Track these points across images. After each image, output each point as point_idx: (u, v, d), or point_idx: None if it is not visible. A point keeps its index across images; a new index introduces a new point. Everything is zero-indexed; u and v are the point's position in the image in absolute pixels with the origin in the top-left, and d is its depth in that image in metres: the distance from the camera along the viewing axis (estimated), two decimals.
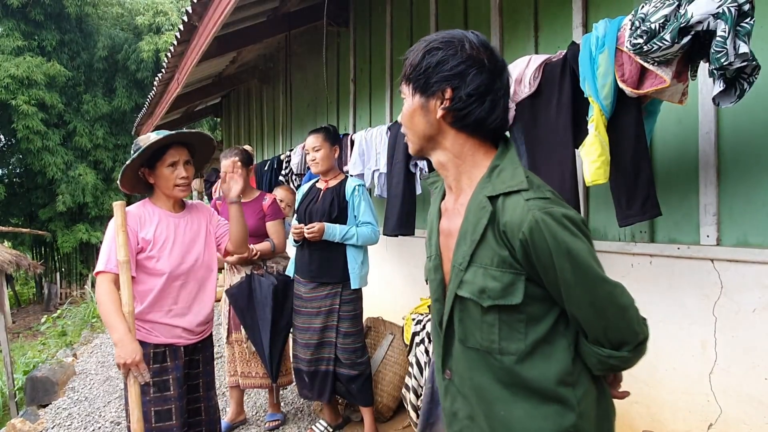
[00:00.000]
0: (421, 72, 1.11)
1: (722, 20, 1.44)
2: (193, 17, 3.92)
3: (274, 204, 3.39)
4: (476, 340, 1.13)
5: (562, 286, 1.04)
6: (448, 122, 1.12)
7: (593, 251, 1.05)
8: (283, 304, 3.25)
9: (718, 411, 2.10)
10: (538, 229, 1.01)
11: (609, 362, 1.08)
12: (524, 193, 1.04)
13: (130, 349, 2.01)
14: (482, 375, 1.14)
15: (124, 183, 2.28)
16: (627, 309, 1.06)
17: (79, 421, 3.89)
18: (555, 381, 1.08)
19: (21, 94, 12.85)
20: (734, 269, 2.04)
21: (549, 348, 1.10)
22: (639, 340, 1.08)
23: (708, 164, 2.12)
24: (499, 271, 1.07)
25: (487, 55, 1.09)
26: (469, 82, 1.07)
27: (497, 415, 1.12)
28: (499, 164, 1.11)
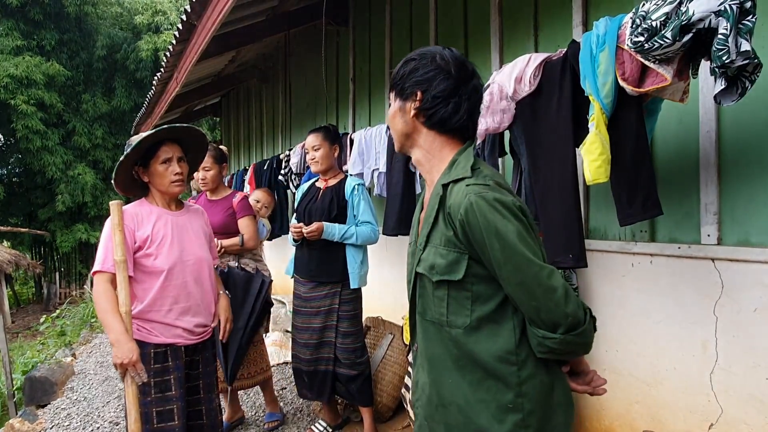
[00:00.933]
0: (399, 79, 1.33)
1: (724, 18, 1.44)
2: (192, 16, 3.91)
3: (243, 200, 3.36)
4: (431, 313, 1.28)
5: (494, 264, 1.16)
6: (421, 121, 1.30)
7: (525, 234, 1.15)
8: (243, 302, 3.14)
9: (719, 411, 2.09)
10: (471, 210, 1.15)
11: (546, 344, 1.16)
12: (467, 179, 1.21)
13: (127, 348, 2.00)
14: (436, 345, 1.28)
15: (119, 182, 2.26)
16: (554, 290, 1.13)
17: (78, 421, 3.88)
18: (496, 357, 1.19)
19: (20, 94, 12.83)
20: (735, 269, 2.03)
21: (495, 327, 1.21)
22: (569, 323, 1.13)
23: (709, 163, 2.11)
24: (446, 250, 1.22)
25: (455, 66, 1.28)
26: (435, 87, 1.27)
27: (446, 382, 1.26)
28: (457, 159, 1.28)
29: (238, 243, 3.24)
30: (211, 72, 7.33)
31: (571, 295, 1.15)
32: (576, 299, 1.16)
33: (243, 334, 3.14)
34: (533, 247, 1.15)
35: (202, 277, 2.34)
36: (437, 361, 1.28)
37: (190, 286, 2.28)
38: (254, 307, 3.19)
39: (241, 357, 3.19)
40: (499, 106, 2.25)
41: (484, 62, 3.30)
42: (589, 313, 1.19)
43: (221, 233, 3.21)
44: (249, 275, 3.24)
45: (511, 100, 2.23)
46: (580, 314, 1.15)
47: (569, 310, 1.13)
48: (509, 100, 2.23)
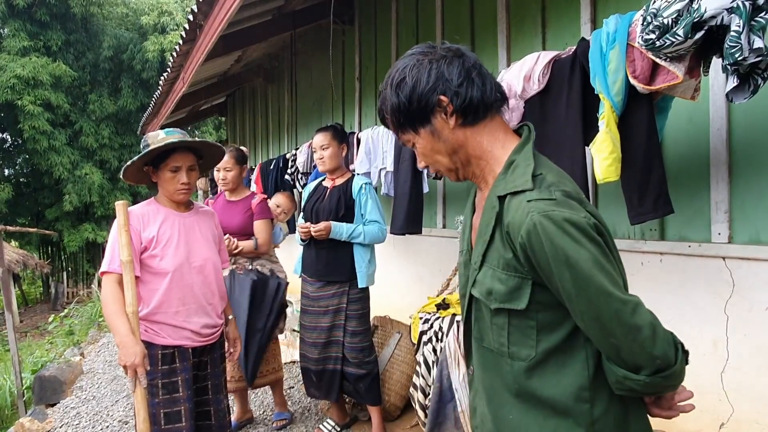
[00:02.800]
0: (407, 107, 1.09)
1: (736, 15, 1.42)
2: (199, 16, 3.92)
3: (263, 203, 3.37)
4: (489, 341, 1.11)
5: (564, 296, 0.98)
6: (461, 124, 1.09)
7: (603, 261, 0.95)
8: (261, 304, 3.18)
9: (730, 410, 2.08)
10: (535, 233, 0.96)
11: (626, 384, 0.98)
12: (528, 193, 1.00)
13: (132, 351, 2.00)
14: (494, 377, 1.11)
15: (128, 177, 2.27)
16: (639, 330, 0.94)
17: (87, 420, 3.90)
18: (567, 395, 1.02)
19: (27, 95, 12.92)
20: (746, 267, 2.01)
21: (564, 358, 1.03)
22: (656, 366, 0.95)
23: (719, 161, 2.10)
24: (505, 274, 1.04)
25: (438, 49, 1.10)
26: (450, 77, 1.06)
27: (506, 418, 1.09)
28: (514, 159, 1.07)
29: (252, 246, 3.26)
30: (217, 72, 7.34)
31: (660, 334, 0.96)
32: (666, 338, 0.97)
33: (263, 335, 3.20)
34: (613, 275, 0.96)
35: (209, 278, 2.34)
36: (496, 394, 1.11)
37: (197, 287, 2.28)
38: (272, 309, 3.22)
39: (261, 358, 3.24)
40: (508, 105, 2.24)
41: (491, 60, 3.29)
42: (681, 350, 0.99)
43: (240, 234, 3.24)
44: (265, 278, 3.26)
45: (519, 99, 2.22)
46: (671, 354, 0.96)
47: (657, 352, 0.95)
48: (518, 99, 2.22)
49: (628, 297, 0.96)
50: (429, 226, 3.89)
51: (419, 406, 2.83)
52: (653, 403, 1.08)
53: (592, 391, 1.02)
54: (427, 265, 3.99)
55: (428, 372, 2.79)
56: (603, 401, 1.02)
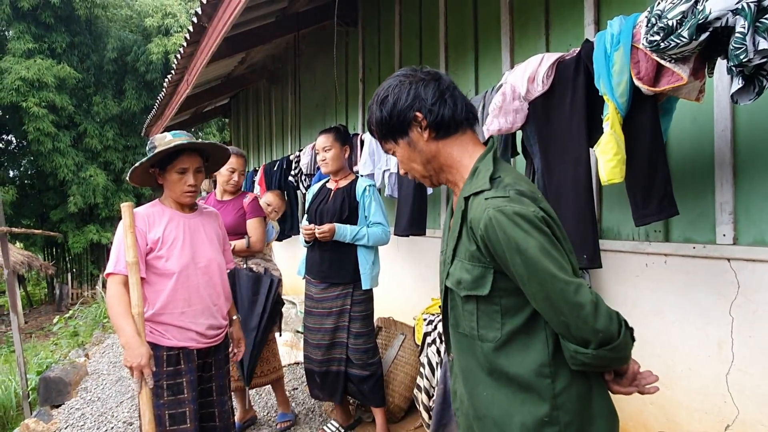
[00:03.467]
0: (388, 120, 1.27)
1: (741, 16, 1.42)
2: (203, 18, 3.93)
3: (254, 202, 3.39)
4: (463, 326, 1.26)
5: (518, 280, 1.12)
6: (434, 137, 1.26)
7: (549, 248, 1.09)
8: (254, 303, 3.17)
9: (735, 412, 2.07)
10: (491, 225, 1.11)
11: (578, 358, 1.11)
12: (486, 192, 1.16)
13: (137, 353, 2.00)
14: (469, 358, 1.26)
15: (134, 179, 2.28)
16: (582, 306, 1.07)
17: (92, 422, 3.92)
18: (530, 371, 1.16)
19: (32, 97, 12.95)
20: (751, 268, 2.01)
21: (527, 339, 1.17)
22: (599, 339, 1.08)
23: (724, 162, 2.09)
24: (471, 264, 1.19)
25: (419, 72, 1.27)
26: (425, 97, 1.24)
27: (480, 395, 1.23)
28: (478, 166, 1.24)
29: (245, 245, 3.26)
30: (221, 73, 7.36)
31: (602, 310, 1.09)
32: (607, 313, 1.10)
33: (257, 334, 3.16)
34: (559, 260, 1.09)
35: (214, 279, 2.34)
36: (471, 374, 1.25)
37: (202, 288, 2.29)
38: (265, 307, 3.20)
39: (256, 357, 3.21)
40: (512, 107, 2.25)
41: (495, 62, 3.30)
42: (624, 326, 1.13)
43: (231, 234, 3.22)
44: (257, 275, 3.25)
45: (523, 100, 2.22)
46: (613, 328, 1.09)
47: (599, 326, 1.08)
48: (522, 100, 2.22)
49: (572, 279, 1.09)
50: (432, 228, 3.89)
51: (423, 407, 2.83)
52: (613, 381, 1.22)
53: (553, 367, 1.15)
54: (431, 267, 3.99)
55: (432, 373, 2.79)
56: (564, 377, 1.16)
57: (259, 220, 3.34)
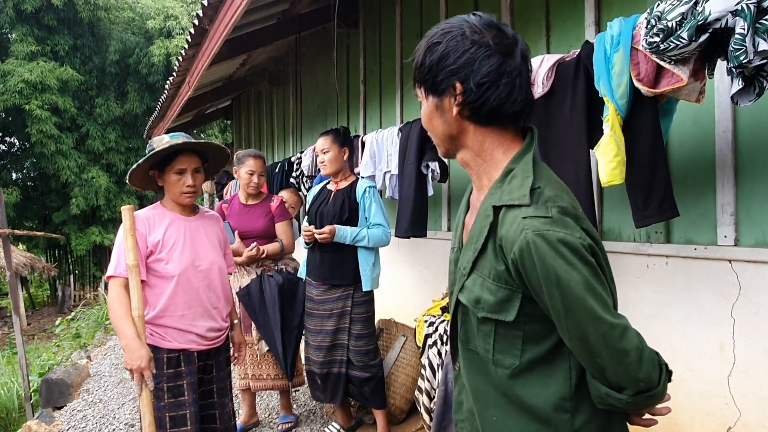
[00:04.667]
0: (426, 72, 1.06)
1: (741, 17, 1.42)
2: (204, 20, 3.94)
3: (281, 205, 3.42)
4: (475, 344, 1.11)
5: (553, 314, 0.97)
6: (466, 117, 1.05)
7: (594, 283, 0.94)
8: (292, 302, 3.27)
9: (737, 414, 2.06)
10: (528, 251, 0.94)
11: (608, 401, 0.99)
12: (524, 209, 0.97)
13: (137, 355, 2.01)
14: (480, 378, 1.12)
15: (134, 182, 2.28)
16: (626, 354, 0.94)
17: (93, 423, 3.92)
18: (549, 404, 1.02)
19: (34, 99, 13.01)
20: (753, 270, 2.00)
21: (548, 368, 1.03)
22: (640, 388, 0.96)
23: (725, 163, 2.09)
24: (495, 285, 1.02)
25: (492, 35, 1.02)
26: (478, 70, 1.00)
27: (489, 418, 1.10)
28: (513, 168, 1.04)
29: (279, 249, 3.33)
30: (222, 75, 7.37)
31: (646, 357, 0.96)
32: (652, 360, 0.97)
33: (298, 332, 3.29)
34: (603, 298, 0.95)
35: (214, 282, 2.35)
36: (482, 394, 1.11)
37: (202, 291, 2.29)
38: (303, 306, 3.26)
39: (297, 355, 3.34)
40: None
41: None
42: (665, 371, 1.01)
43: (263, 237, 3.31)
44: (295, 278, 3.34)
45: None
46: (654, 377, 0.97)
47: (642, 375, 0.95)
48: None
49: (617, 321, 0.95)
50: (433, 229, 3.88)
51: (424, 409, 2.82)
52: (634, 413, 1.09)
53: (574, 401, 1.02)
54: (432, 268, 3.99)
55: (433, 375, 2.78)
56: (585, 412, 1.03)
57: (288, 222, 3.44)
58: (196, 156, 2.28)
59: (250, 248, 3.20)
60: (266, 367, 3.34)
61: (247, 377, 3.38)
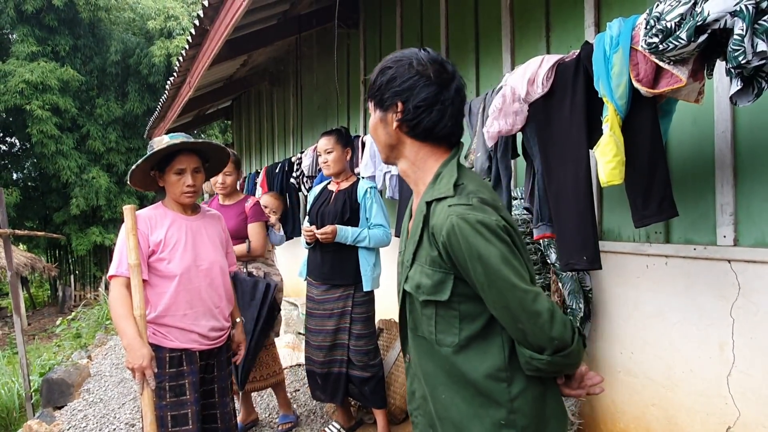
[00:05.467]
0: (377, 89, 1.26)
1: (740, 18, 1.42)
2: (205, 21, 3.94)
3: (256, 206, 3.38)
4: (422, 330, 1.26)
5: (478, 287, 1.13)
6: (404, 132, 1.25)
7: (510, 257, 1.11)
8: (248, 306, 3.15)
9: (736, 414, 2.07)
10: (453, 233, 1.11)
11: (533, 364, 1.14)
12: (449, 199, 1.16)
13: (139, 354, 2.01)
14: (428, 361, 1.26)
15: (135, 182, 2.29)
16: (539, 315, 1.10)
17: (94, 423, 3.93)
18: (485, 375, 1.18)
19: (35, 99, 13.00)
20: (752, 270, 2.01)
21: (484, 344, 1.19)
22: (555, 346, 1.11)
23: (724, 164, 2.09)
24: (431, 270, 1.19)
25: (434, 69, 1.21)
26: (417, 95, 1.20)
27: (440, 397, 1.24)
28: (441, 171, 1.23)
29: (245, 250, 3.26)
30: (223, 76, 7.39)
31: (557, 318, 1.12)
32: (562, 321, 1.13)
33: (251, 338, 3.12)
34: (518, 269, 1.12)
35: (216, 281, 2.35)
36: (430, 377, 1.26)
37: (204, 290, 2.29)
38: (260, 312, 3.18)
39: (251, 361, 3.20)
40: (512, 108, 2.25)
41: (495, 63, 3.30)
42: (577, 333, 1.17)
43: (233, 238, 3.22)
44: (255, 280, 3.24)
45: (523, 102, 2.23)
46: (567, 336, 1.13)
47: (555, 333, 1.11)
48: (522, 102, 2.23)
49: (530, 287, 1.11)
50: None
51: None
52: (564, 384, 1.25)
53: (509, 372, 1.18)
54: None
55: None
56: (520, 381, 1.18)
57: (260, 224, 3.34)
58: (196, 156, 2.29)
59: None
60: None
61: None
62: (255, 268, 3.35)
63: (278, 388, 3.49)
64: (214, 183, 3.34)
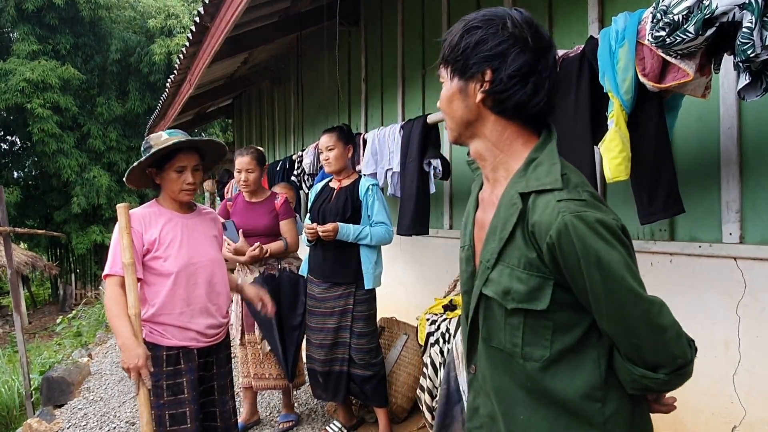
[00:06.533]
0: (460, 53, 1.05)
1: (748, 11, 1.40)
2: (205, 18, 3.92)
3: (286, 203, 3.40)
4: (500, 340, 1.09)
5: (591, 297, 0.97)
6: (488, 106, 1.05)
7: (631, 263, 0.97)
8: (293, 302, 3.24)
9: (742, 413, 2.05)
10: (566, 233, 0.94)
11: (642, 382, 1.00)
12: (557, 192, 0.98)
13: (134, 354, 2.00)
14: (504, 376, 1.10)
15: (131, 180, 2.27)
16: (665, 330, 0.97)
17: (94, 421, 3.91)
18: (580, 394, 1.02)
19: (36, 98, 13.00)
20: (758, 267, 1.99)
21: (576, 358, 1.03)
22: (677, 364, 0.98)
23: (730, 160, 2.07)
24: (526, 274, 1.01)
25: (531, 33, 1.03)
26: (511, 63, 1.01)
27: (516, 418, 1.08)
28: (536, 157, 1.04)
29: (283, 247, 3.30)
30: (223, 74, 7.36)
31: (682, 335, 1.00)
32: (686, 338, 1.00)
33: (299, 332, 3.25)
34: (639, 278, 0.97)
35: (213, 279, 2.34)
36: (506, 394, 1.10)
37: (200, 288, 2.28)
38: (305, 306, 3.24)
39: (298, 354, 3.31)
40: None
41: None
42: (694, 347, 1.03)
43: (267, 235, 3.28)
44: (297, 277, 3.31)
45: None
46: (689, 353, 1.00)
47: (679, 351, 0.98)
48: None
49: (655, 298, 0.97)
50: (436, 227, 3.87)
51: (426, 408, 2.81)
52: (654, 400, 1.12)
53: (604, 390, 1.03)
54: (434, 266, 3.97)
55: (435, 374, 2.77)
56: (614, 401, 1.03)
57: (292, 220, 3.40)
58: (196, 153, 2.27)
59: (253, 248, 3.15)
60: (268, 366, 3.33)
61: (249, 376, 3.37)
62: (288, 263, 3.38)
63: (286, 388, 3.48)
64: (238, 180, 3.33)
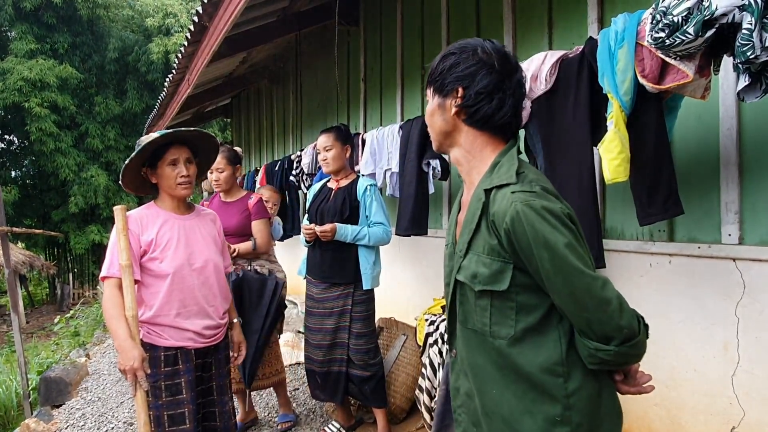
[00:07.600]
0: (438, 74, 1.26)
1: (748, 12, 1.40)
2: (204, 17, 3.92)
3: (259, 203, 3.35)
4: (473, 322, 1.24)
5: (543, 275, 1.10)
6: (462, 119, 1.24)
7: (575, 244, 1.09)
8: (256, 304, 3.15)
9: (741, 413, 2.05)
10: (518, 219, 1.09)
11: (598, 356, 1.11)
12: (512, 186, 1.14)
13: (131, 355, 1.99)
14: (478, 355, 1.24)
15: (127, 183, 2.26)
16: (608, 302, 1.08)
17: (92, 422, 3.90)
18: (542, 369, 1.15)
19: (34, 97, 12.99)
20: (757, 268, 1.99)
21: (539, 337, 1.16)
22: (624, 335, 1.09)
23: (729, 161, 2.07)
24: (489, 259, 1.17)
25: (497, 58, 1.21)
26: (479, 82, 1.20)
27: (489, 393, 1.22)
28: (499, 161, 1.22)
29: (251, 247, 3.23)
30: (222, 73, 7.35)
31: (626, 307, 1.10)
32: (631, 310, 1.11)
33: (259, 336, 3.14)
34: (584, 257, 1.10)
35: (210, 280, 2.33)
36: (480, 371, 1.23)
37: (198, 289, 2.27)
38: (269, 310, 3.17)
39: (258, 359, 3.19)
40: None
41: None
42: (642, 322, 1.15)
43: (237, 235, 3.21)
44: (263, 278, 3.23)
45: (526, 99, 2.20)
46: (635, 325, 1.10)
47: (624, 322, 1.08)
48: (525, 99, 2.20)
49: (598, 275, 1.09)
50: (434, 228, 3.87)
51: (425, 408, 2.81)
52: (622, 381, 1.23)
53: (566, 366, 1.15)
54: (433, 267, 3.97)
55: (434, 374, 2.77)
56: (577, 377, 1.15)
57: (264, 221, 3.32)
58: (187, 147, 2.27)
59: None
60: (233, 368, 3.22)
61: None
62: (259, 265, 3.32)
63: (280, 387, 3.47)
64: (211, 180, 3.31)
